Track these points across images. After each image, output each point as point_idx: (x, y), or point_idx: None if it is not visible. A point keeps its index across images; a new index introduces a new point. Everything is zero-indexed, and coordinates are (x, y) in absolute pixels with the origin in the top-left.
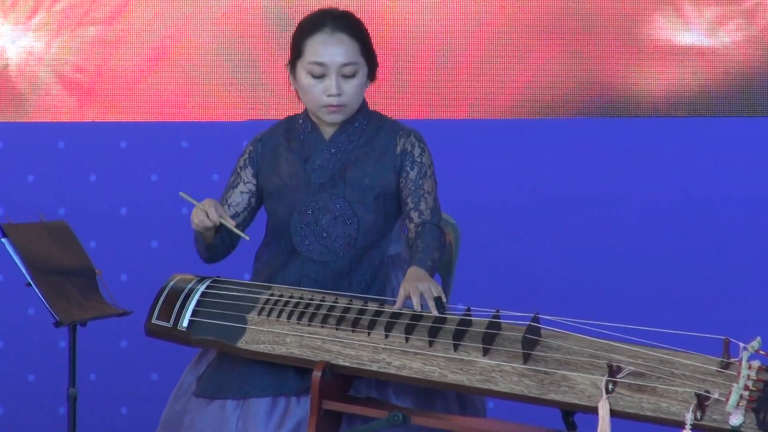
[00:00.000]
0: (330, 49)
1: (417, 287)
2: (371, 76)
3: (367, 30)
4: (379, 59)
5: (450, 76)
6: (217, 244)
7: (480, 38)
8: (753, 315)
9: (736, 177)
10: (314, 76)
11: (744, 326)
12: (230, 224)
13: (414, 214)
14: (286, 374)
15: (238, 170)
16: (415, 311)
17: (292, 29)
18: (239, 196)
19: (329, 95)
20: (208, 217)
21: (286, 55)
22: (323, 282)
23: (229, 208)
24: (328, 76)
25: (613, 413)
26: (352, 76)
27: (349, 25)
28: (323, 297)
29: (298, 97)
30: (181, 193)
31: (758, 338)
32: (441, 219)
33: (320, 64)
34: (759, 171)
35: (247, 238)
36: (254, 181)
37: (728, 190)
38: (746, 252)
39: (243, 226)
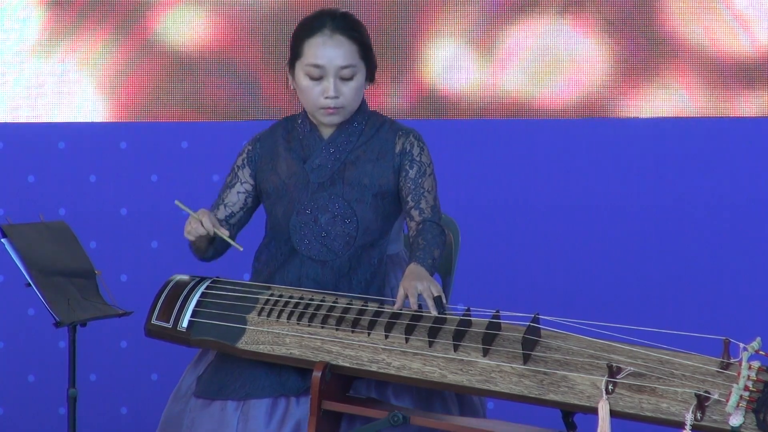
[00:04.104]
0: (328, 52)
1: (416, 287)
2: (370, 77)
3: (366, 31)
4: (394, 59)
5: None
6: (209, 255)
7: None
8: (753, 315)
9: (736, 177)
10: (312, 78)
11: (744, 326)
12: (224, 234)
13: (414, 213)
14: (286, 374)
15: (236, 170)
16: (414, 311)
17: (293, 29)
18: (236, 196)
19: (327, 97)
20: (202, 225)
21: (286, 55)
22: (322, 281)
23: (225, 207)
24: (326, 78)
25: (613, 414)
26: (350, 78)
27: (348, 26)
28: (323, 297)
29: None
30: (176, 201)
31: (758, 338)
32: (441, 217)
33: (318, 66)
34: (759, 171)
35: (240, 249)
36: (251, 182)
37: (728, 190)
38: (746, 252)
39: (238, 226)
